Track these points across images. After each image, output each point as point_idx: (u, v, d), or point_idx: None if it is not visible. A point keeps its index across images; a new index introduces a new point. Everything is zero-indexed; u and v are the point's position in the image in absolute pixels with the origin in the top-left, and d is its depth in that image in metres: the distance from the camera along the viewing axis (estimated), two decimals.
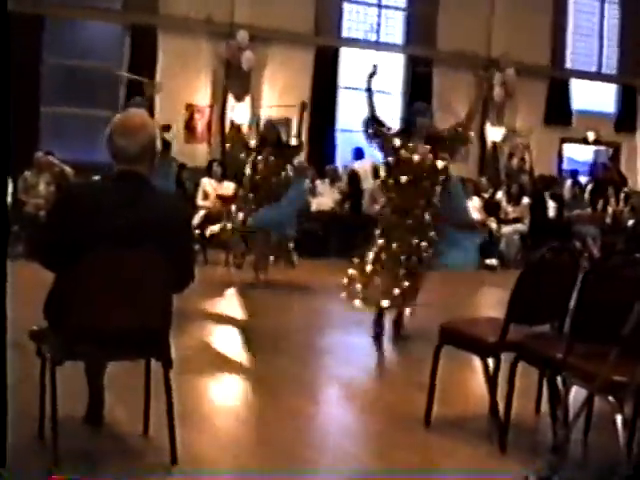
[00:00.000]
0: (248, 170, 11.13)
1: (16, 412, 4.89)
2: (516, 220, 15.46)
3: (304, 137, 16.57)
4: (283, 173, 11.18)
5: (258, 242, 11.26)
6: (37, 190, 12.99)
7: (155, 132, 4.36)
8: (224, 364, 7.03)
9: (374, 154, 17.19)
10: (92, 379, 4.81)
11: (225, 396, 6.16)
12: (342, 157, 17.45)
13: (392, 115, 18.31)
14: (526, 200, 15.82)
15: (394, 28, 18.63)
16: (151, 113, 11.44)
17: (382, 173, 9.26)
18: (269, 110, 16.77)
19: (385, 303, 7.79)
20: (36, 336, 4.48)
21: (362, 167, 16.76)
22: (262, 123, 11.95)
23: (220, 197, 13.37)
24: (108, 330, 4.19)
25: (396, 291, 7.74)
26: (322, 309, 10.27)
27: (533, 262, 5.16)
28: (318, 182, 15.73)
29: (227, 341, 8.04)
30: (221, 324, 8.96)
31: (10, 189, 12.90)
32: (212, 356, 7.28)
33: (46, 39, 15.13)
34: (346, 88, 17.78)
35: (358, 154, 17.12)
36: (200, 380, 6.32)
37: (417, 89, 18.23)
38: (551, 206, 16.07)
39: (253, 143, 11.40)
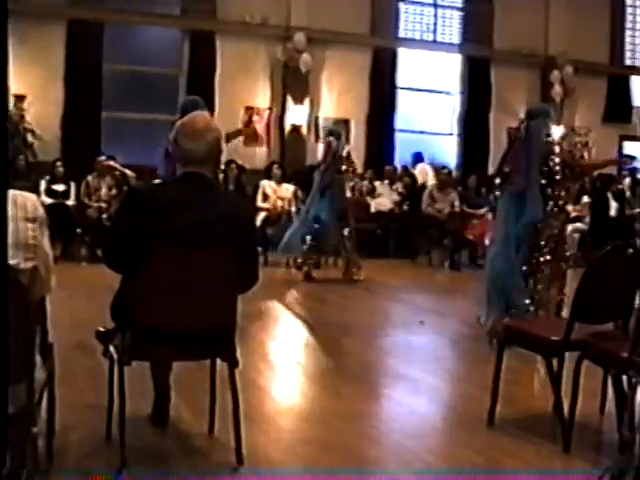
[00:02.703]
0: None
1: (84, 412, 5.01)
2: (576, 219, 15.33)
3: (363, 138, 16.73)
4: None
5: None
6: (99, 194, 13.16)
7: (220, 135, 4.41)
8: (287, 365, 7.08)
9: (432, 157, 17.31)
10: (158, 379, 4.87)
11: (289, 396, 6.19)
12: (400, 157, 17.42)
13: (451, 114, 18.41)
14: (586, 199, 15.68)
15: (451, 28, 18.56)
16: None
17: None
18: (327, 112, 16.85)
19: None
20: (103, 337, 4.53)
21: (422, 170, 16.78)
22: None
23: (280, 198, 13.44)
24: (175, 331, 4.23)
25: None
26: (383, 308, 10.30)
27: (597, 260, 5.11)
28: (377, 183, 15.74)
29: (289, 342, 8.08)
30: (283, 325, 9.02)
31: (73, 193, 13.12)
32: (275, 356, 7.33)
33: (106, 45, 15.32)
34: (404, 88, 17.76)
35: (417, 158, 17.14)
36: (264, 380, 6.37)
37: (475, 88, 18.16)
38: (613, 205, 15.90)
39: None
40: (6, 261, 2.75)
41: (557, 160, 7.82)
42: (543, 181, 7.81)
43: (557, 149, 7.91)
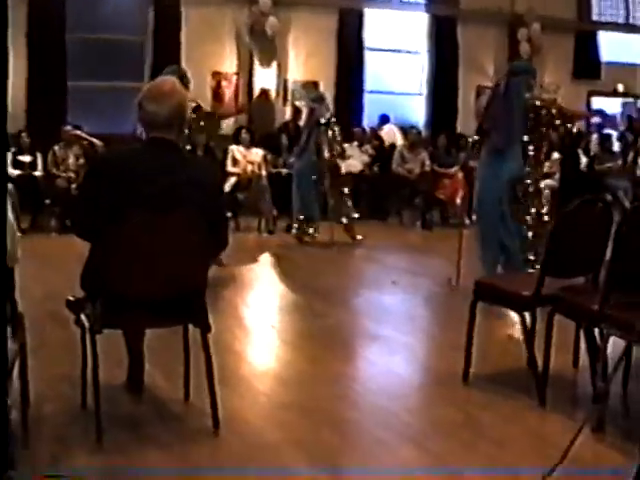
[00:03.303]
0: None
1: (58, 382, 5.00)
2: (546, 175, 15.34)
3: (331, 100, 16.67)
4: None
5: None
6: (67, 164, 13.04)
7: (185, 99, 4.37)
8: (262, 329, 7.08)
9: (400, 117, 17.27)
10: (131, 346, 4.85)
11: (265, 360, 6.20)
12: (370, 119, 17.35)
13: (419, 74, 18.36)
14: (556, 155, 15.70)
15: None
16: None
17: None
18: (295, 75, 16.77)
19: None
20: (73, 306, 4.49)
21: (388, 131, 16.74)
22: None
23: (250, 163, 13.38)
24: (145, 297, 4.21)
25: None
26: (355, 269, 10.33)
27: (566, 215, 5.12)
28: (346, 145, 15.67)
29: (263, 306, 8.08)
30: (257, 289, 9.01)
31: (40, 164, 13.01)
32: (250, 321, 7.33)
33: (69, 14, 15.08)
34: (371, 49, 17.67)
35: (383, 120, 17.08)
36: (239, 345, 6.37)
37: (443, 47, 18.10)
38: (583, 161, 15.95)
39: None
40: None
41: (544, 112, 7.87)
42: (525, 138, 7.84)
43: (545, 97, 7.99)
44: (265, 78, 16.37)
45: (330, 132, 11.69)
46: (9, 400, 3.28)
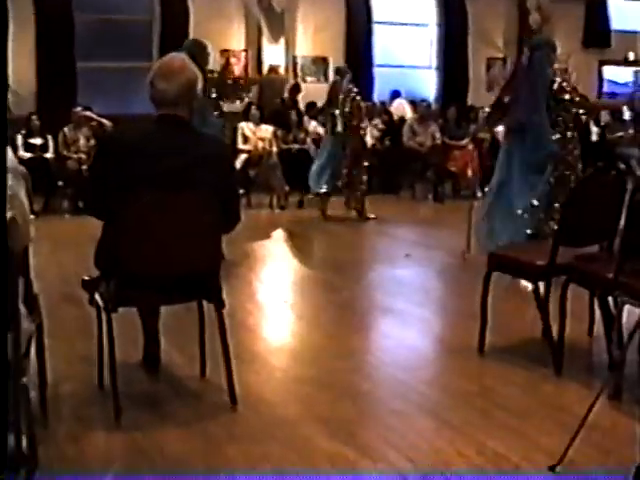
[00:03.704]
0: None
1: (75, 362, 5.02)
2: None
3: None
4: None
5: None
6: (78, 145, 13.03)
7: (195, 76, 4.34)
8: (276, 304, 7.09)
9: (410, 91, 17.20)
10: (147, 324, 4.87)
11: (279, 336, 6.22)
12: (380, 93, 17.29)
13: (429, 47, 18.27)
14: (569, 134, 15.62)
15: None
16: None
17: None
18: (304, 51, 16.71)
19: None
20: (88, 285, 4.50)
21: (398, 106, 16.67)
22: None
23: (260, 139, 13.37)
24: (159, 275, 4.23)
25: None
26: (368, 244, 10.33)
27: (580, 183, 5.11)
28: None
29: (276, 282, 8.09)
30: (269, 265, 9.02)
31: (51, 146, 13.01)
32: (263, 297, 7.34)
33: None
34: (380, 23, 17.58)
35: (394, 95, 17.03)
36: (253, 321, 6.38)
37: (452, 19, 18.00)
38: (594, 131, 15.87)
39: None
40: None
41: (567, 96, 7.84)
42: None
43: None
44: (274, 54, 16.32)
45: (353, 104, 11.60)
46: (25, 379, 3.29)
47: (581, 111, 7.96)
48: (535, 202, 7.49)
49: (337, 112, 11.54)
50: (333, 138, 11.65)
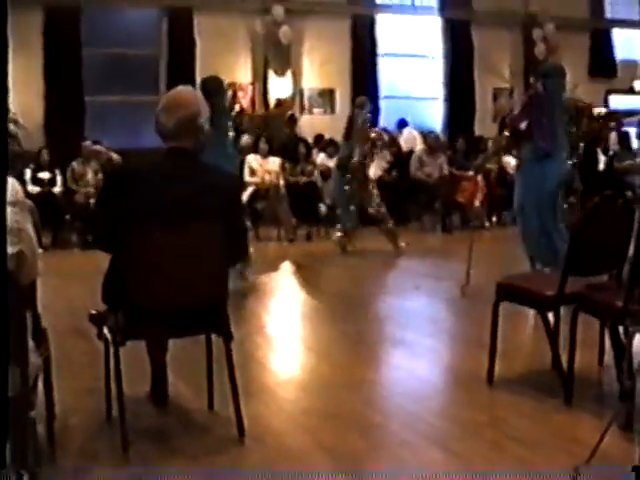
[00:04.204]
0: None
1: (83, 395, 5.01)
2: None
3: (348, 107, 16.67)
4: None
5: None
6: (86, 179, 13.09)
7: (197, 109, 4.33)
8: (284, 336, 7.07)
9: (417, 122, 17.23)
10: (154, 357, 4.85)
11: (288, 368, 6.20)
12: (387, 124, 17.33)
13: (435, 78, 18.33)
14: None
15: None
16: None
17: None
18: (311, 83, 16.79)
19: None
20: (96, 319, 4.50)
21: (408, 135, 16.70)
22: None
23: (267, 172, 13.40)
24: (166, 308, 4.21)
25: None
26: (377, 275, 10.30)
27: (587, 212, 5.09)
28: None
29: (285, 314, 8.07)
30: (278, 297, 9.01)
31: (59, 180, 13.05)
32: (272, 329, 7.32)
33: (84, 30, 15.17)
34: (385, 55, 17.67)
35: (401, 124, 17.07)
36: (262, 353, 6.37)
37: (458, 51, 18.07)
38: (601, 160, 15.87)
39: None
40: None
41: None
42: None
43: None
44: (280, 87, 16.40)
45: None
46: (34, 412, 3.28)
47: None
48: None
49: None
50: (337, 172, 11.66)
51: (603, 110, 13.47)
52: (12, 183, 3.33)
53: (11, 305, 2.99)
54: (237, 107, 9.93)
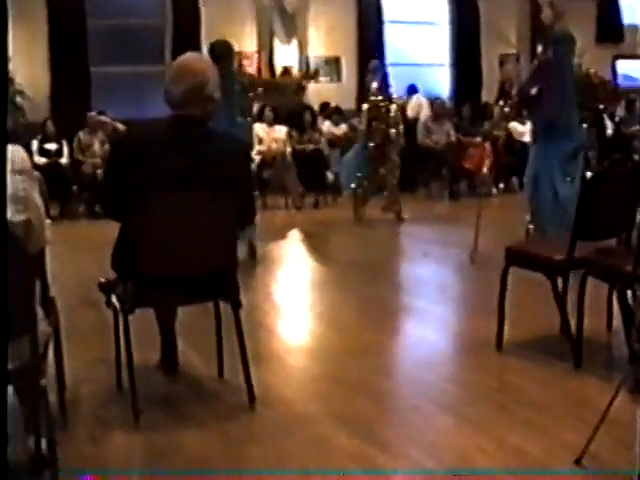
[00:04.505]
0: None
1: (93, 365, 5.03)
2: None
3: (355, 75, 16.58)
4: None
5: None
6: (92, 150, 13.08)
7: (206, 77, 4.29)
8: (293, 304, 7.08)
9: (424, 89, 17.16)
10: (164, 325, 4.87)
11: (297, 335, 6.20)
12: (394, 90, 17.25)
13: (441, 45, 18.23)
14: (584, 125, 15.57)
15: None
16: None
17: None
18: (317, 51, 16.70)
19: None
20: (105, 287, 4.50)
21: (416, 102, 16.61)
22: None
23: (274, 141, 13.37)
24: (175, 275, 4.22)
25: None
26: (385, 242, 10.29)
27: (595, 177, 5.08)
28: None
29: (293, 281, 8.08)
30: (286, 265, 9.02)
31: (66, 151, 13.05)
32: (280, 296, 7.33)
33: (88, 0, 15.11)
34: (391, 22, 17.55)
35: (411, 90, 16.97)
36: (270, 320, 6.38)
37: (464, 17, 17.95)
38: (609, 125, 15.82)
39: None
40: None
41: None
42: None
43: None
44: (286, 55, 16.32)
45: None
46: (44, 381, 3.29)
47: (601, 106, 8.08)
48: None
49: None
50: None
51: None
52: (19, 152, 3.34)
53: (19, 273, 3.00)
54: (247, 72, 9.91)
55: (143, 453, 3.87)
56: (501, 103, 14.79)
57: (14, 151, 3.29)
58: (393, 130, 11.50)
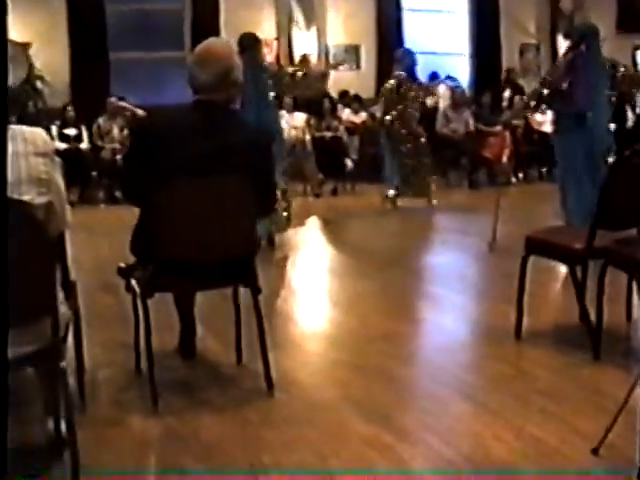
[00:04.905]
0: None
1: (112, 348, 5.05)
2: None
3: (374, 63, 16.53)
4: None
5: None
6: (112, 135, 13.12)
7: (231, 63, 4.27)
8: (311, 290, 7.09)
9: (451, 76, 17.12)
10: (182, 310, 4.88)
11: (315, 321, 6.21)
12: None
13: (461, 34, 18.16)
14: None
15: None
16: None
17: None
18: (336, 39, 16.66)
19: None
20: (124, 272, 4.51)
21: (444, 91, 16.56)
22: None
23: (293, 128, 13.36)
24: (195, 260, 4.22)
25: None
26: (404, 230, 10.29)
27: (616, 166, 5.05)
28: None
29: (311, 268, 8.08)
30: (304, 252, 9.02)
31: (85, 136, 13.09)
32: (298, 283, 7.34)
33: None
34: (410, 10, 17.51)
35: (433, 78, 16.91)
36: (289, 307, 6.40)
37: (483, 5, 17.89)
38: (629, 117, 15.74)
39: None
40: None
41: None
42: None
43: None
44: (305, 42, 16.29)
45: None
46: (64, 363, 3.30)
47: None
48: None
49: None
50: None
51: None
52: (42, 135, 3.34)
53: (41, 255, 3.01)
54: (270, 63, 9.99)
55: (160, 437, 3.88)
56: (507, 94, 14.81)
57: (36, 133, 3.30)
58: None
